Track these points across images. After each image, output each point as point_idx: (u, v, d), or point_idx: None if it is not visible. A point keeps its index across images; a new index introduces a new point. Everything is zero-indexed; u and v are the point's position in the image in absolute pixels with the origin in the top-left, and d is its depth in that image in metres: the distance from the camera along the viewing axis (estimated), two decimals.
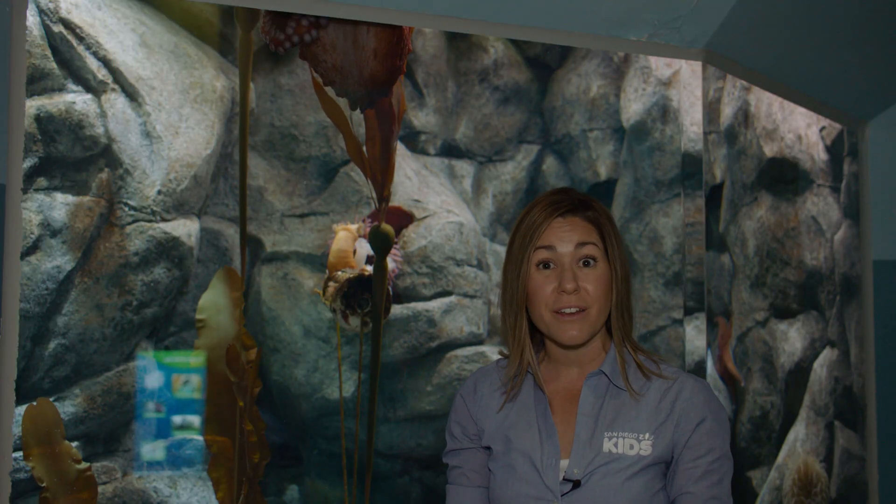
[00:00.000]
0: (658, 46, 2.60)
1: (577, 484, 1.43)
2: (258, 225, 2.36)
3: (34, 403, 2.03)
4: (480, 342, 2.60)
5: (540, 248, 1.46)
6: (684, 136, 2.68)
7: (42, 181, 2.06)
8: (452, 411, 1.59)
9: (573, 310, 1.44)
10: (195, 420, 2.23)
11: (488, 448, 1.54)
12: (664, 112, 2.71)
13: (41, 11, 2.07)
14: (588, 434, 1.46)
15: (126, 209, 2.17)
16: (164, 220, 2.22)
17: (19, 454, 2.00)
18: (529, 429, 1.49)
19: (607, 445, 1.44)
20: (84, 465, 2.09)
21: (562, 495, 1.43)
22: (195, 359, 2.25)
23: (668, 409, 1.45)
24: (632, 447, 1.44)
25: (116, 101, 2.16)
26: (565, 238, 1.45)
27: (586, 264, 1.45)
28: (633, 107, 2.73)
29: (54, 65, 2.08)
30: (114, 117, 2.16)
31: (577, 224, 1.46)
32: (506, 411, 1.53)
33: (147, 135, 2.20)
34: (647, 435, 1.45)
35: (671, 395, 1.46)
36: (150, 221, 2.20)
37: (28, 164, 2.04)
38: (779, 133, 2.99)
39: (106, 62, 2.16)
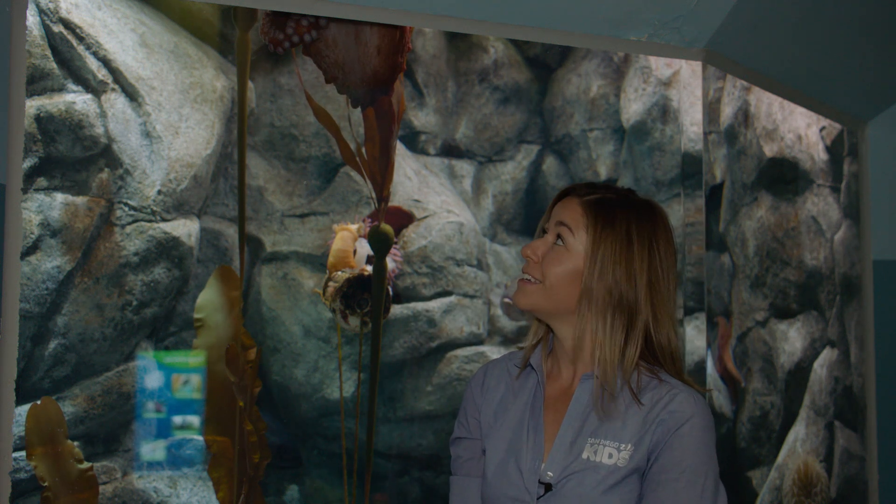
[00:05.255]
0: (658, 46, 2.59)
1: (549, 487, 1.40)
2: (258, 225, 2.36)
3: (38, 402, 2.03)
4: (480, 342, 2.60)
5: (547, 222, 1.52)
6: (684, 136, 2.68)
7: (42, 181, 2.06)
8: (464, 399, 1.60)
9: (529, 277, 1.47)
10: (195, 420, 2.23)
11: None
12: (664, 112, 2.70)
13: (41, 11, 2.07)
14: (571, 437, 1.43)
15: (126, 209, 2.17)
16: (164, 220, 2.22)
17: (22, 453, 2.00)
18: (521, 427, 1.48)
19: (587, 452, 1.41)
20: (86, 464, 2.09)
21: (537, 498, 1.41)
22: (195, 359, 2.25)
23: (654, 418, 1.40)
24: (610, 456, 1.40)
25: (116, 101, 2.16)
26: (557, 213, 1.49)
27: (559, 243, 1.48)
28: (633, 107, 2.73)
29: (54, 65, 2.08)
30: (114, 117, 2.16)
31: (571, 205, 1.48)
32: (505, 405, 1.52)
33: (147, 135, 2.20)
34: (628, 446, 1.40)
35: (661, 405, 1.41)
36: (150, 221, 2.20)
37: (28, 164, 2.04)
38: (779, 133, 2.99)
39: (106, 62, 2.16)
